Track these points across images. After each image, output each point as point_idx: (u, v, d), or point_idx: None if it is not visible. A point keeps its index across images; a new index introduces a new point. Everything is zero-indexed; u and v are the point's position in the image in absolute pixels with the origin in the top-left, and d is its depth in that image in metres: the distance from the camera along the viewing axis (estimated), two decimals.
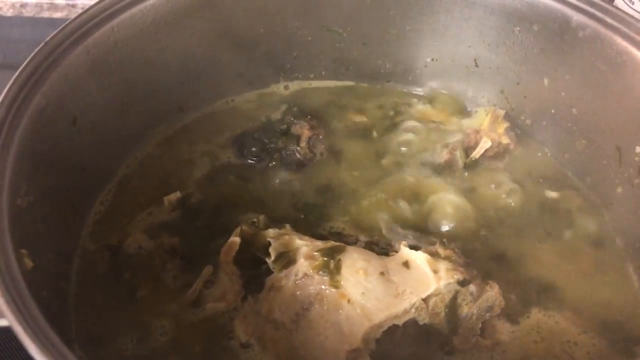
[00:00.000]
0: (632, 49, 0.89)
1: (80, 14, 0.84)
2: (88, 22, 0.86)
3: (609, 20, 0.92)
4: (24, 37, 1.45)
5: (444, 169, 1.05)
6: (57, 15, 1.52)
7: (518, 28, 1.03)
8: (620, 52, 0.90)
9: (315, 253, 0.80)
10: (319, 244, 0.83)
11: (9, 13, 1.51)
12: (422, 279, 0.78)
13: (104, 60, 0.89)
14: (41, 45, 0.80)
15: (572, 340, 0.85)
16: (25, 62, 0.77)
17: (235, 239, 0.84)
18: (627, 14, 0.91)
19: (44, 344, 0.54)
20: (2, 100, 0.72)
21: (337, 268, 0.78)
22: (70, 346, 0.73)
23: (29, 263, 0.64)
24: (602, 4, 0.94)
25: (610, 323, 0.87)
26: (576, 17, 0.95)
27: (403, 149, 1.08)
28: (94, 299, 0.86)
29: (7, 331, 0.57)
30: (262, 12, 1.07)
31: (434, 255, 0.81)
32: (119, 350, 0.81)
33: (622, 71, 0.91)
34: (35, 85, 0.78)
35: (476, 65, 1.12)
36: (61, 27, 0.83)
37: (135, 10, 0.92)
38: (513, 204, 1.00)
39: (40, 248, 0.73)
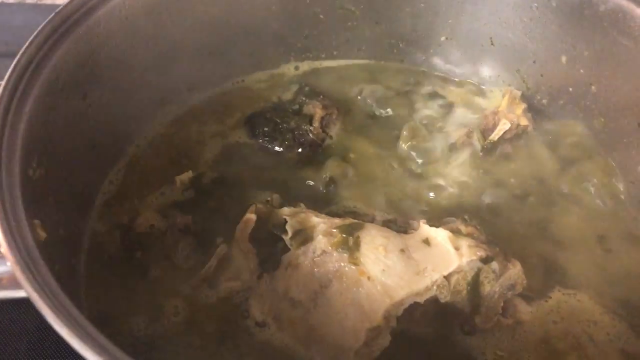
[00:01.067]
0: None
1: None
2: None
3: None
4: (27, 24, 1.42)
5: (461, 151, 1.02)
6: (60, 1, 1.50)
7: (536, 4, 1.00)
8: None
9: (334, 230, 0.78)
10: (337, 221, 0.81)
11: (11, 0, 1.49)
12: (443, 256, 0.76)
13: (114, 34, 0.87)
14: (52, 15, 0.78)
15: (592, 320, 0.83)
16: (35, 33, 0.75)
17: (251, 216, 0.81)
18: None
19: (60, 311, 0.52)
20: (12, 71, 0.70)
21: (357, 245, 0.76)
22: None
23: (42, 234, 0.62)
24: None
25: (633, 304, 0.85)
26: None
27: (417, 129, 1.05)
28: (105, 278, 0.84)
29: (22, 302, 0.55)
30: None
31: (455, 232, 0.79)
32: (130, 330, 0.79)
33: None
34: (45, 57, 0.76)
35: (492, 44, 1.09)
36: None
37: None
38: (533, 183, 0.98)
39: (51, 221, 0.71)
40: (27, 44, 0.74)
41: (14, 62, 0.71)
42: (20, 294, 0.55)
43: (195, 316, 0.81)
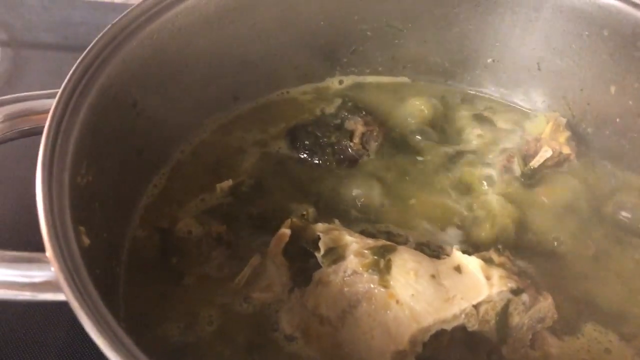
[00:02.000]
0: None
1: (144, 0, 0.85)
2: (153, 7, 0.87)
3: None
4: (84, 21, 1.48)
5: (501, 176, 1.02)
6: (117, 0, 1.55)
7: (587, 32, 0.99)
8: None
9: (366, 251, 0.79)
10: (370, 241, 0.82)
11: None
12: (474, 285, 0.76)
13: (166, 45, 0.90)
14: (108, 27, 0.81)
15: None
16: (92, 43, 0.78)
17: (286, 231, 0.83)
18: None
19: (97, 320, 0.55)
20: (69, 80, 0.74)
21: (387, 267, 0.77)
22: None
23: (86, 240, 0.65)
24: None
25: None
26: None
27: (459, 151, 1.05)
28: (143, 282, 0.86)
29: (63, 305, 0.58)
30: (324, 5, 1.06)
31: (487, 261, 0.79)
32: (165, 337, 0.81)
33: None
34: (100, 67, 0.79)
35: (539, 69, 1.08)
36: (127, 10, 0.83)
37: None
38: (571, 216, 0.96)
39: (95, 227, 0.74)
40: (84, 53, 0.77)
41: (70, 72, 0.75)
42: (59, 297, 0.58)
43: (227, 325, 0.83)
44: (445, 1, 1.06)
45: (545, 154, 1.00)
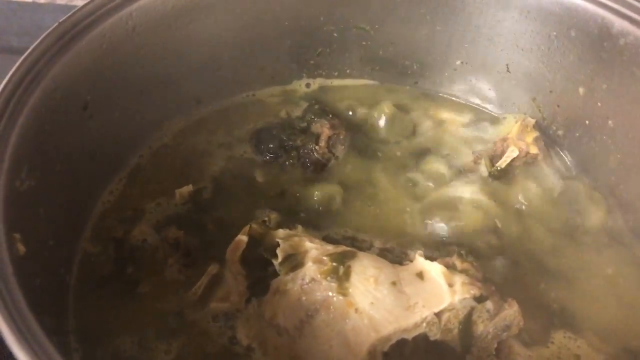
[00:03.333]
0: None
1: None
2: (105, 5, 0.84)
3: None
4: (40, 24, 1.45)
5: (468, 178, 1.00)
6: (76, 2, 1.51)
7: (554, 33, 0.97)
8: None
9: (325, 257, 0.76)
10: (330, 248, 0.79)
11: (42, 0, 1.51)
12: (436, 292, 0.74)
13: (120, 45, 0.86)
14: (54, 26, 0.78)
15: None
16: (35, 43, 0.75)
17: (243, 238, 0.80)
18: None
19: (22, 334, 0.51)
20: (7, 83, 0.70)
21: (347, 274, 0.74)
22: (65, 337, 0.73)
23: (21, 248, 0.62)
24: None
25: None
26: (618, 23, 0.89)
27: (426, 154, 1.03)
28: (95, 292, 0.83)
29: None
30: (287, 5, 1.03)
31: (450, 267, 0.76)
32: (117, 350, 0.78)
33: None
34: (45, 68, 0.75)
35: (508, 71, 1.06)
36: (76, 9, 0.80)
37: None
38: (538, 218, 0.94)
39: (39, 234, 0.71)
40: (26, 53, 0.74)
41: (12, 71, 0.71)
42: None
43: (182, 336, 0.79)
44: (412, 2, 1.04)
45: (511, 153, 0.98)
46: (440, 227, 0.92)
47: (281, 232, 0.82)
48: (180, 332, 0.80)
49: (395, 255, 0.86)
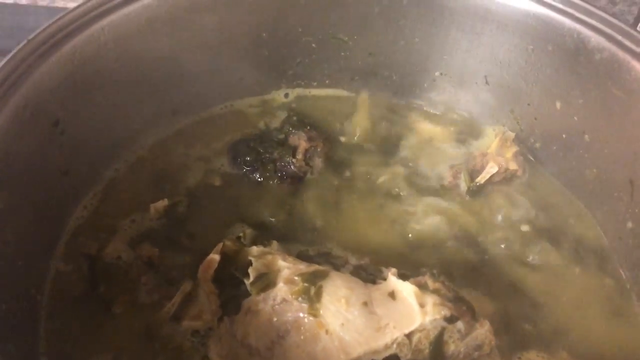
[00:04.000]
0: None
1: (67, 12, 0.81)
2: (76, 21, 0.83)
3: (628, 44, 0.86)
4: (39, 26, 1.43)
5: (446, 192, 1.00)
6: (72, 4, 1.49)
7: (532, 46, 0.97)
8: (638, 78, 0.85)
9: (296, 277, 0.75)
10: (302, 267, 0.78)
11: (24, 1, 1.49)
12: (407, 313, 0.73)
13: (91, 60, 0.85)
14: (23, 43, 0.77)
15: None
16: (3, 61, 0.74)
17: (215, 256, 0.79)
18: None
19: None
20: None
21: (318, 295, 0.74)
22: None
23: None
24: (622, 26, 0.88)
25: None
26: (594, 38, 0.89)
27: (404, 167, 1.03)
28: (68, 313, 0.82)
29: None
30: (264, 16, 1.03)
31: (422, 287, 0.76)
32: None
33: (639, 98, 0.85)
34: (14, 85, 0.75)
35: (486, 83, 1.06)
36: (45, 25, 0.79)
37: (128, 9, 0.89)
38: (516, 233, 0.94)
39: (6, 258, 0.70)
40: None
41: None
42: None
43: (156, 356, 0.79)
44: (390, 14, 1.03)
45: (491, 170, 0.98)
46: (415, 242, 0.92)
47: (254, 250, 0.82)
48: (155, 351, 0.79)
49: (369, 273, 0.85)
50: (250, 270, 0.78)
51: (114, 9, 0.87)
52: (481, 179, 0.98)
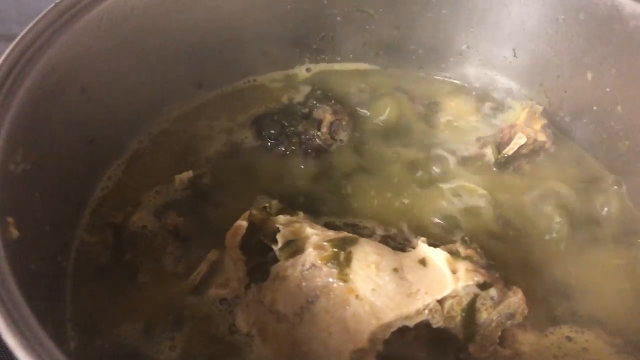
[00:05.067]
0: None
1: None
2: None
3: None
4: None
5: (473, 164, 0.98)
6: None
7: (562, 16, 0.95)
8: None
9: (325, 243, 0.74)
10: (331, 233, 0.77)
11: None
12: (438, 279, 0.72)
13: (118, 27, 0.85)
14: (51, 6, 0.76)
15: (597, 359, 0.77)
16: (31, 23, 0.74)
17: (242, 223, 0.79)
18: None
19: (14, 320, 0.50)
20: (3, 61, 0.69)
21: (347, 260, 0.73)
22: (61, 325, 0.71)
23: (14, 232, 0.60)
24: None
25: None
26: (629, 5, 0.87)
27: (431, 141, 1.01)
28: (94, 280, 0.82)
29: None
30: None
31: (453, 254, 0.75)
32: (116, 339, 0.77)
33: None
34: (41, 49, 0.74)
35: (515, 56, 1.04)
36: None
37: None
38: (546, 205, 0.92)
39: (34, 219, 0.70)
40: (22, 34, 0.72)
41: (7, 52, 0.70)
42: None
43: (181, 325, 0.78)
44: None
45: (519, 140, 0.96)
46: (444, 214, 0.91)
47: (281, 218, 0.81)
48: (182, 320, 0.79)
49: (397, 242, 0.84)
50: (278, 236, 0.77)
51: None
52: (509, 150, 0.97)
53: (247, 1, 1.00)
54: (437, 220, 0.90)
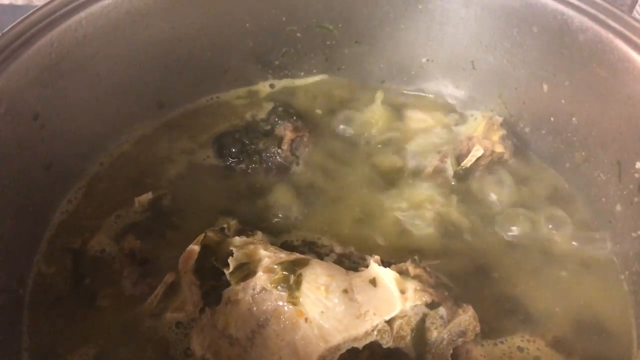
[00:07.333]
0: (634, 55, 0.82)
1: (43, 5, 0.81)
2: (53, 14, 0.82)
3: (611, 23, 0.85)
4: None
5: (433, 177, 0.99)
6: (38, 2, 1.48)
7: (516, 29, 0.96)
8: (622, 58, 0.83)
9: (275, 266, 0.75)
10: (283, 255, 0.78)
11: (20, 2, 1.48)
12: (387, 299, 0.73)
13: (69, 54, 0.85)
14: None
15: None
16: None
17: (194, 247, 0.79)
18: (631, 16, 0.83)
19: None
20: None
21: (297, 283, 0.73)
22: (18, 356, 0.72)
23: None
24: (606, 5, 0.86)
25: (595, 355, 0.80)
26: (577, 18, 0.88)
27: (392, 154, 1.02)
28: (52, 307, 0.82)
29: None
30: (247, 6, 1.02)
31: (403, 273, 0.75)
32: None
33: (624, 79, 0.83)
34: None
35: (473, 68, 1.05)
36: (22, 17, 0.79)
37: (107, 1, 0.88)
38: (502, 217, 0.93)
39: None
40: None
41: None
42: None
43: (137, 348, 0.79)
44: (374, 0, 1.02)
45: (476, 152, 0.97)
46: (401, 229, 0.91)
47: (237, 240, 0.81)
48: (139, 343, 0.79)
49: (352, 261, 0.85)
50: (230, 260, 0.77)
51: (93, 1, 0.86)
52: (467, 162, 0.97)
53: (204, 21, 1.01)
54: (393, 236, 0.90)
